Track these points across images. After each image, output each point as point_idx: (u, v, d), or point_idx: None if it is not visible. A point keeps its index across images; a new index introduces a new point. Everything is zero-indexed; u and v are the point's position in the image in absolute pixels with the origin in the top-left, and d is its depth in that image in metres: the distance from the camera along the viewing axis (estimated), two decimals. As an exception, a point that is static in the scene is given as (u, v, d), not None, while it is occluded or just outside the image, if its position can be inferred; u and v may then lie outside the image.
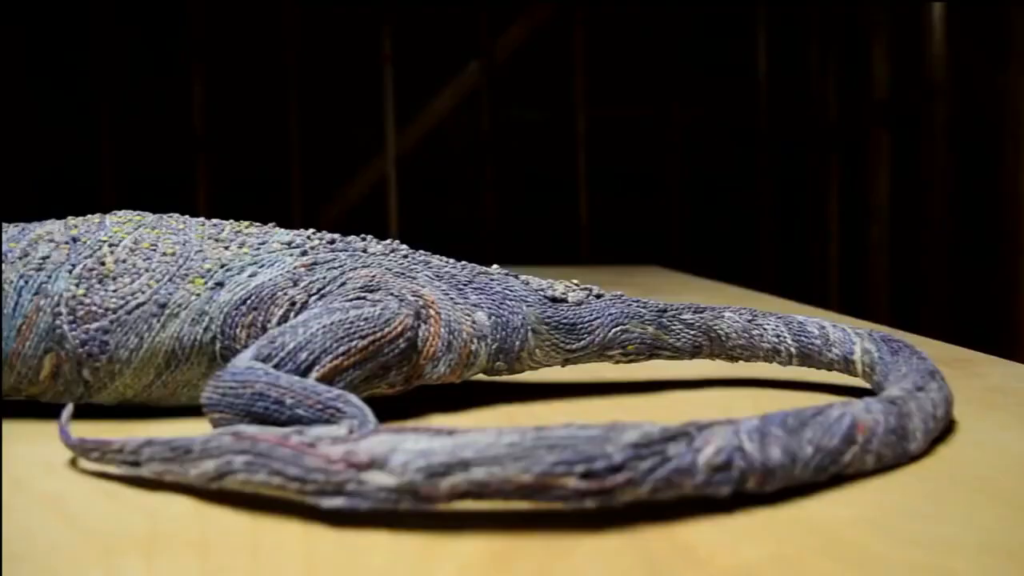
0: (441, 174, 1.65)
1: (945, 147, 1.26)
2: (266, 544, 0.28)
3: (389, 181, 1.61)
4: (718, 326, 0.48)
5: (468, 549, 0.28)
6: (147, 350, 0.42)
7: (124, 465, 0.34)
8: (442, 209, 1.64)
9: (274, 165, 1.59)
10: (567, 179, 1.65)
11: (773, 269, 1.53)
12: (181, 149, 1.57)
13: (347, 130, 1.63)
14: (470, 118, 1.63)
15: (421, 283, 0.45)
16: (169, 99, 1.58)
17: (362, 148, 1.63)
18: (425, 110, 1.63)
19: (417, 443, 0.29)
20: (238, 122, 1.59)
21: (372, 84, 1.60)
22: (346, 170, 1.63)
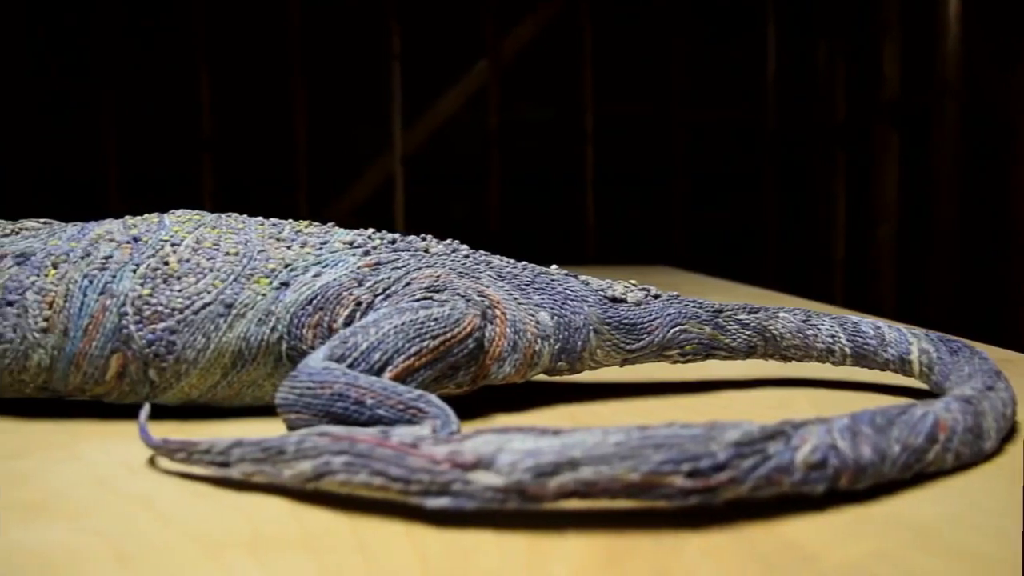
0: (448, 173, 1.65)
1: (955, 146, 1.27)
2: (373, 544, 0.28)
3: (396, 180, 1.61)
4: (773, 326, 0.49)
5: (578, 548, 0.28)
6: (214, 350, 0.42)
7: (212, 466, 0.34)
8: (449, 208, 1.64)
9: (280, 165, 1.58)
10: (574, 178, 1.65)
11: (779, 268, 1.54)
12: (187, 149, 1.56)
13: (354, 129, 1.63)
14: (477, 117, 1.63)
15: (485, 283, 0.45)
16: (175, 99, 1.57)
17: (369, 147, 1.62)
18: (432, 109, 1.63)
19: (524, 443, 0.30)
20: (244, 122, 1.58)
21: (379, 83, 1.60)
22: (353, 169, 1.62)
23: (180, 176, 1.56)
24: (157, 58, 1.57)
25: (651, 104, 1.67)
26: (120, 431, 0.42)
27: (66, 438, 0.41)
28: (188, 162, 1.56)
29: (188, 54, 1.55)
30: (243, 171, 1.58)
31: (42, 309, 0.43)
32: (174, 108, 1.56)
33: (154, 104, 1.57)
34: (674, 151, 1.67)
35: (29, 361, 0.43)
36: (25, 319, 0.43)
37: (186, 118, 1.55)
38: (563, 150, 1.67)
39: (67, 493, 0.33)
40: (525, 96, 1.66)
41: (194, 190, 1.57)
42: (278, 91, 1.58)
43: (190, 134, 1.56)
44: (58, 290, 0.43)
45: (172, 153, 1.56)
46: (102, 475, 0.35)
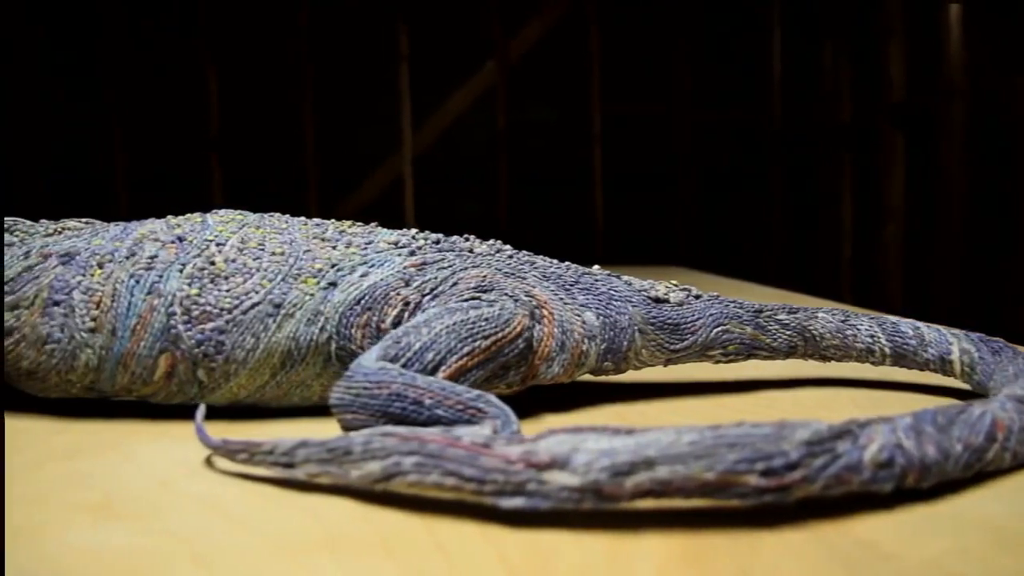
0: (456, 173, 1.65)
1: (961, 148, 1.28)
2: (450, 545, 0.28)
3: (405, 180, 1.60)
4: (812, 327, 0.49)
5: (657, 547, 0.28)
6: (263, 350, 0.42)
7: (275, 467, 0.34)
8: (457, 208, 1.64)
9: (289, 165, 1.58)
10: (582, 178, 1.65)
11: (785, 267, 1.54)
12: (195, 149, 1.55)
13: (362, 129, 1.63)
14: (486, 117, 1.63)
15: (531, 283, 0.45)
16: (183, 99, 1.56)
17: (378, 147, 1.62)
18: (441, 109, 1.63)
19: (598, 443, 0.30)
20: (252, 122, 1.58)
21: (388, 83, 1.60)
22: (361, 169, 1.62)
23: (188, 176, 1.56)
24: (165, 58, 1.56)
25: (658, 104, 1.68)
26: (170, 431, 0.42)
27: (117, 438, 0.40)
28: (196, 162, 1.55)
29: (196, 54, 1.55)
30: (251, 171, 1.58)
31: (89, 309, 0.42)
32: (182, 108, 1.56)
33: (162, 104, 1.56)
34: (681, 151, 1.67)
35: (77, 361, 0.42)
36: (72, 319, 0.42)
37: (194, 118, 1.55)
38: (571, 150, 1.67)
39: (129, 494, 0.33)
40: (533, 96, 1.66)
41: (202, 190, 1.56)
42: (286, 91, 1.58)
43: (198, 134, 1.55)
44: (105, 290, 0.43)
45: (180, 153, 1.56)
46: (161, 476, 0.35)
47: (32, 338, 0.43)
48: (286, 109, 1.58)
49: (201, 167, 1.55)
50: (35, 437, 0.41)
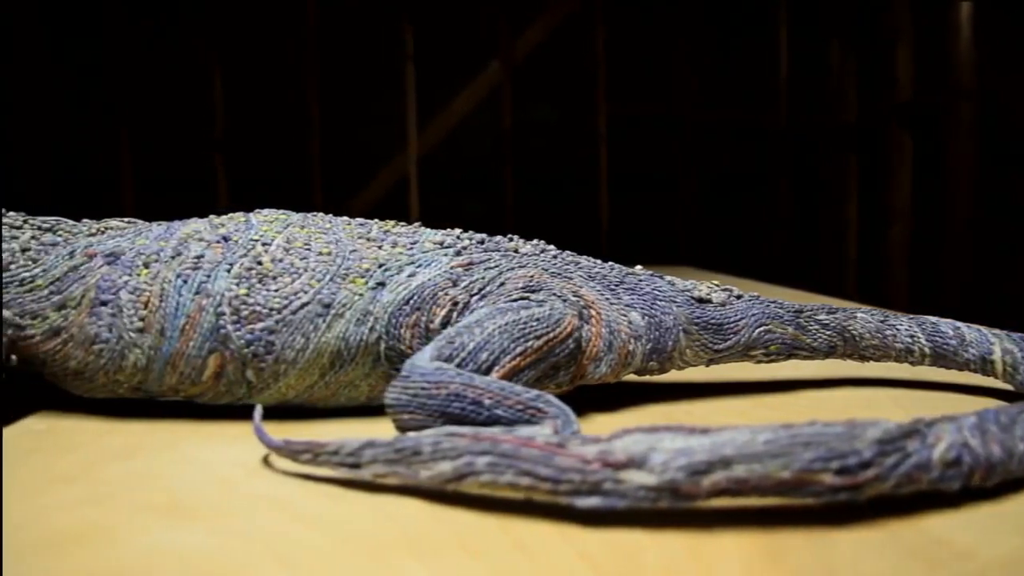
0: (462, 173, 1.65)
1: (970, 149, 1.28)
2: (530, 545, 0.29)
3: (410, 180, 1.60)
4: (852, 327, 0.49)
5: (738, 545, 0.28)
6: (313, 350, 0.42)
7: (341, 467, 0.34)
8: (463, 208, 1.64)
9: (294, 165, 1.57)
10: (588, 178, 1.65)
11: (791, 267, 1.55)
12: (200, 150, 1.55)
13: (368, 129, 1.62)
14: (491, 117, 1.63)
15: (578, 283, 0.46)
16: (188, 100, 1.56)
17: (383, 147, 1.62)
18: (446, 109, 1.63)
19: (674, 442, 0.30)
20: (257, 122, 1.57)
21: (393, 83, 1.60)
22: (367, 169, 1.62)
23: (193, 176, 1.55)
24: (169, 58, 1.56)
25: (664, 105, 1.68)
26: (221, 432, 0.41)
27: (170, 438, 0.40)
28: (201, 162, 1.55)
29: (201, 54, 1.54)
30: (256, 172, 1.57)
31: (137, 309, 0.42)
32: (187, 109, 1.55)
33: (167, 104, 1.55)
34: (687, 151, 1.68)
35: (125, 361, 0.42)
36: (120, 319, 0.42)
37: (199, 118, 1.54)
38: (577, 150, 1.67)
39: (194, 494, 0.33)
40: (539, 96, 1.66)
41: (208, 190, 1.56)
42: (292, 92, 1.57)
43: (203, 134, 1.55)
44: (152, 289, 0.43)
45: (185, 154, 1.55)
46: (221, 476, 0.35)
47: (80, 338, 0.43)
48: (291, 109, 1.57)
49: (206, 168, 1.55)
50: (86, 437, 0.41)
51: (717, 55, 1.68)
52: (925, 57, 1.37)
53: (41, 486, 0.34)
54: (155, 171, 1.55)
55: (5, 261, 0.44)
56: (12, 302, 0.43)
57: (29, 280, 0.44)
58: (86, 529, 0.30)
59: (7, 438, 0.41)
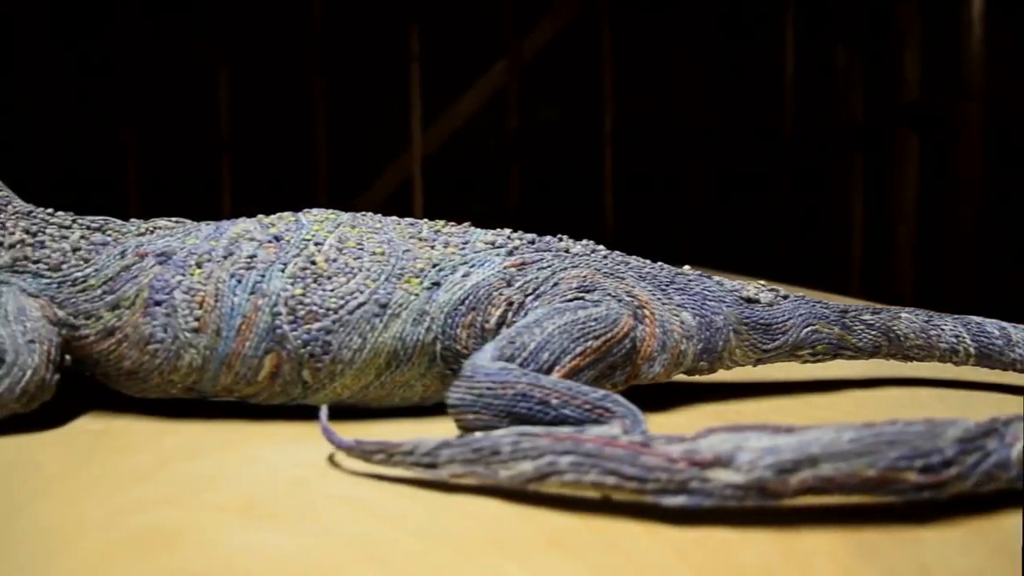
0: (467, 173, 1.65)
1: (979, 149, 1.30)
2: (623, 544, 0.29)
3: (415, 180, 1.60)
4: (896, 327, 0.50)
5: (829, 543, 0.28)
6: (370, 350, 0.42)
7: (416, 467, 0.34)
8: (468, 208, 1.64)
9: (300, 165, 1.57)
10: (593, 178, 1.66)
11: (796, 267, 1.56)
12: (206, 150, 1.54)
13: (373, 130, 1.62)
14: (496, 118, 1.63)
15: (631, 283, 0.46)
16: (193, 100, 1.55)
17: (388, 147, 1.62)
18: (451, 110, 1.63)
19: (760, 440, 0.30)
20: (263, 122, 1.57)
21: (399, 84, 1.60)
22: (372, 169, 1.62)
23: (199, 177, 1.54)
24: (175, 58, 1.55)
25: (670, 105, 1.69)
26: (280, 432, 0.41)
27: (230, 439, 0.40)
28: (207, 163, 1.54)
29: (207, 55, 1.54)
30: (262, 172, 1.56)
31: (192, 309, 0.42)
32: (192, 109, 1.55)
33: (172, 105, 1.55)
34: (692, 152, 1.68)
35: (180, 361, 0.42)
36: (175, 319, 0.42)
37: (205, 119, 1.54)
38: (582, 151, 1.67)
39: (269, 495, 0.33)
40: (544, 97, 1.67)
41: (213, 191, 1.55)
42: (297, 92, 1.57)
43: (209, 135, 1.54)
44: (207, 289, 0.42)
45: (191, 154, 1.55)
46: (291, 476, 0.35)
47: (135, 338, 0.42)
48: (296, 109, 1.57)
49: (212, 168, 1.54)
50: (145, 437, 0.40)
51: (723, 55, 1.68)
52: (933, 57, 1.38)
53: (113, 486, 0.34)
54: (160, 171, 1.54)
55: (56, 261, 0.44)
56: (66, 302, 0.43)
57: (82, 280, 0.44)
58: (170, 529, 0.30)
59: (64, 438, 0.41)
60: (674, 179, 1.69)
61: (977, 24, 1.28)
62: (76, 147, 1.49)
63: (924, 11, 1.38)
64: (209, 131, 1.55)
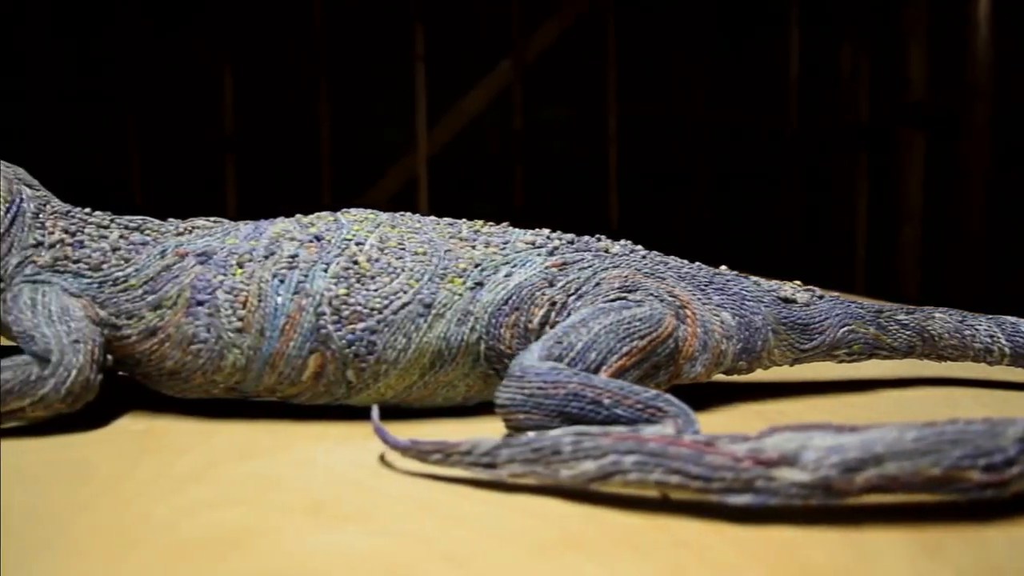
0: (472, 173, 1.65)
1: (985, 149, 1.30)
2: (693, 543, 0.29)
3: (420, 180, 1.60)
4: (931, 327, 0.50)
5: (897, 541, 0.29)
6: (415, 351, 0.42)
7: (475, 467, 0.34)
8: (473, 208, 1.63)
9: (304, 164, 1.57)
10: (597, 178, 1.66)
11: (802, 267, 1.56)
12: (210, 149, 1.54)
13: (378, 129, 1.62)
14: (501, 117, 1.63)
15: (671, 284, 0.46)
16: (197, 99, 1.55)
17: (393, 147, 1.62)
18: (456, 109, 1.63)
19: (825, 440, 0.30)
20: (267, 122, 1.57)
21: (404, 83, 1.60)
22: (377, 169, 1.62)
23: (203, 176, 1.54)
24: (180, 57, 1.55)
25: (674, 105, 1.69)
26: (328, 432, 0.41)
27: (278, 439, 0.40)
28: (211, 162, 1.54)
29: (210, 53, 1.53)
30: (266, 171, 1.56)
31: (235, 309, 0.42)
32: (197, 108, 1.54)
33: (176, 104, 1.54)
34: (697, 152, 1.69)
35: (224, 361, 0.42)
36: (218, 319, 0.42)
37: (209, 118, 1.53)
38: (586, 150, 1.68)
39: (330, 495, 0.33)
40: (549, 96, 1.67)
41: (217, 190, 1.55)
42: (302, 91, 1.57)
43: (213, 134, 1.54)
44: (250, 289, 0.42)
45: (195, 153, 1.54)
46: (347, 477, 0.35)
47: (177, 338, 0.42)
48: (300, 108, 1.57)
49: (216, 167, 1.54)
50: (190, 438, 0.40)
51: (728, 55, 1.69)
52: (939, 57, 1.39)
53: (170, 487, 0.34)
54: (164, 170, 1.53)
55: (97, 260, 0.44)
56: (107, 302, 0.43)
57: (122, 280, 0.43)
58: (240, 530, 0.30)
59: (109, 438, 0.41)
60: (678, 179, 1.70)
61: (983, 24, 1.28)
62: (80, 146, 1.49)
63: (930, 11, 1.39)
64: (213, 130, 1.54)
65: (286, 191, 1.55)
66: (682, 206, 1.71)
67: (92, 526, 0.30)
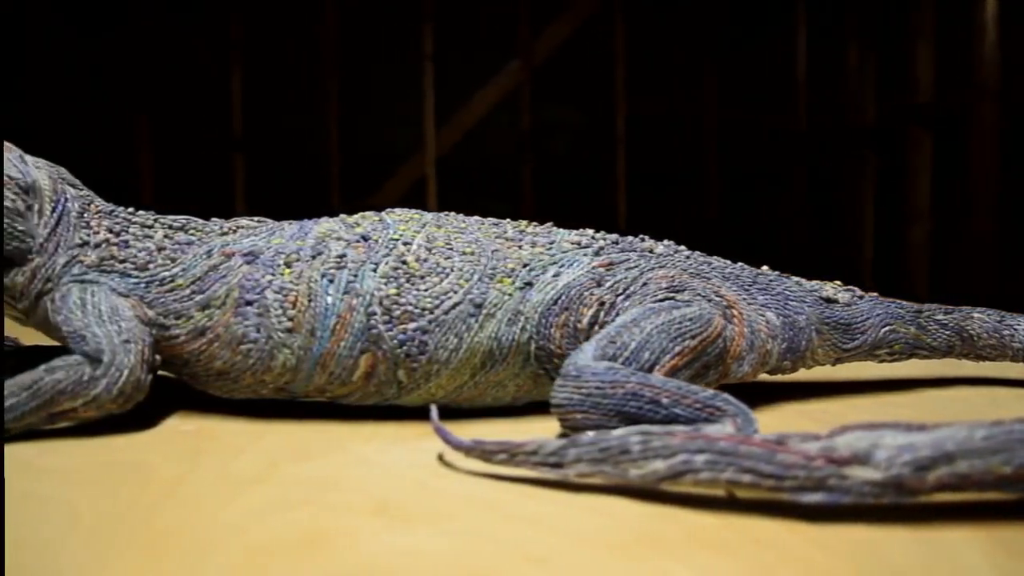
0: (480, 173, 1.65)
1: (994, 149, 1.31)
2: (769, 541, 0.29)
3: (429, 180, 1.60)
4: (969, 326, 0.50)
5: (972, 539, 0.29)
6: (466, 350, 0.42)
7: (541, 467, 0.34)
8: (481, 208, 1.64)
9: (313, 165, 1.57)
10: (606, 178, 1.66)
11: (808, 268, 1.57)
12: (218, 149, 1.54)
13: (387, 129, 1.62)
14: (510, 117, 1.63)
15: (717, 284, 0.46)
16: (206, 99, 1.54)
17: (402, 147, 1.62)
18: (465, 109, 1.63)
19: (896, 438, 0.30)
20: (276, 122, 1.57)
21: (412, 83, 1.60)
22: (385, 169, 1.62)
23: (212, 176, 1.54)
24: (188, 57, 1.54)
25: (682, 105, 1.69)
26: (380, 432, 0.41)
27: (331, 440, 0.40)
28: (220, 162, 1.54)
29: (221, 53, 1.53)
30: (275, 171, 1.56)
31: (285, 308, 0.42)
32: (206, 108, 1.54)
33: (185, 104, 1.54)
34: (704, 152, 1.69)
35: (274, 361, 0.42)
36: (268, 319, 0.42)
37: (218, 118, 1.53)
38: (595, 151, 1.68)
39: (397, 497, 0.33)
40: (558, 97, 1.67)
41: (225, 190, 1.55)
42: (311, 91, 1.57)
43: (222, 134, 1.54)
44: (299, 289, 0.42)
45: (204, 153, 1.54)
46: (410, 477, 0.35)
47: (227, 338, 0.42)
48: (310, 109, 1.57)
49: (225, 167, 1.54)
50: (243, 439, 0.40)
51: (735, 56, 1.69)
52: (946, 57, 1.39)
53: (233, 488, 0.34)
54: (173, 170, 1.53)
55: (143, 260, 0.44)
56: (155, 302, 0.43)
57: (169, 279, 0.43)
58: (314, 532, 0.29)
59: (161, 439, 0.41)
60: (686, 179, 1.70)
61: (991, 25, 1.29)
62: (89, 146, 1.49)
63: (937, 11, 1.40)
64: (222, 130, 1.54)
65: (294, 191, 1.55)
66: (690, 206, 1.72)
67: (164, 528, 0.30)
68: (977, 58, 1.31)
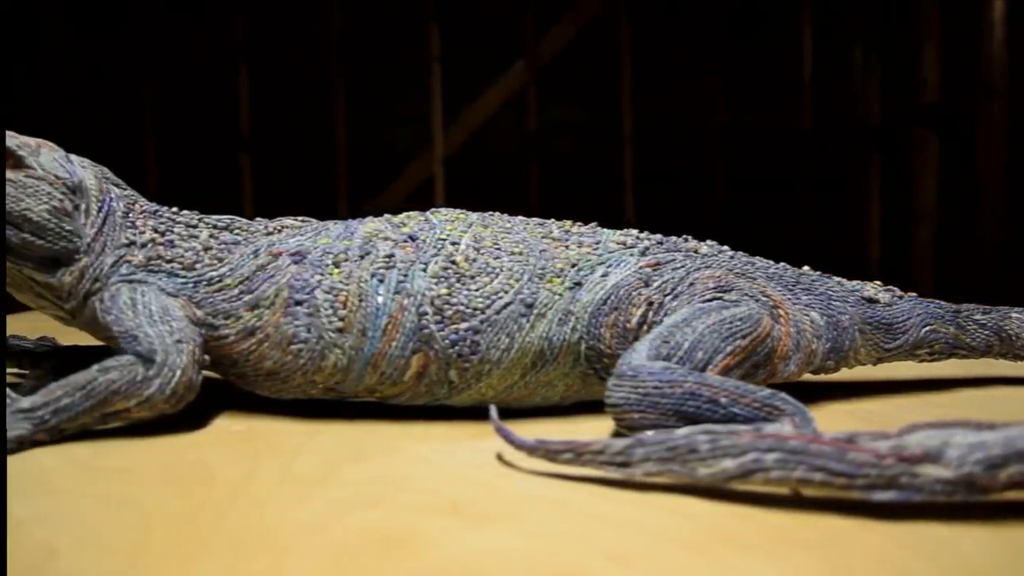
0: (487, 173, 1.65)
1: (1000, 149, 1.32)
2: (845, 539, 0.29)
3: (436, 180, 1.60)
4: (1008, 326, 0.51)
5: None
6: (517, 350, 0.42)
7: (608, 466, 0.34)
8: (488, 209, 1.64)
9: (319, 165, 1.57)
10: (612, 179, 1.67)
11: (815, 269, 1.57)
12: (225, 149, 1.54)
13: (393, 129, 1.62)
14: (516, 118, 1.63)
15: (762, 284, 0.46)
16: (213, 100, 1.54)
17: (408, 147, 1.62)
18: (471, 110, 1.63)
19: (966, 437, 0.31)
20: (283, 122, 1.56)
21: (419, 83, 1.60)
22: (392, 169, 1.62)
23: (219, 176, 1.54)
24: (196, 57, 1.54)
25: (688, 106, 1.70)
26: (431, 432, 0.41)
27: (386, 440, 0.40)
28: (226, 162, 1.53)
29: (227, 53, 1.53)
30: (281, 171, 1.56)
31: (336, 308, 0.42)
32: (213, 108, 1.54)
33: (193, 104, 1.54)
34: (711, 153, 1.70)
35: (325, 361, 0.42)
36: (318, 319, 0.42)
37: (225, 118, 1.53)
38: (601, 151, 1.68)
39: (463, 496, 0.33)
40: (564, 97, 1.67)
41: (232, 190, 1.54)
42: (318, 91, 1.57)
43: (229, 134, 1.53)
44: (350, 289, 0.42)
45: (210, 153, 1.54)
46: (472, 477, 0.35)
47: (277, 338, 0.42)
48: (317, 109, 1.57)
49: (232, 167, 1.54)
50: (297, 439, 0.40)
51: (741, 56, 1.70)
52: (952, 58, 1.40)
53: (299, 489, 0.34)
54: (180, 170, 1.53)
55: (190, 260, 0.44)
56: (203, 301, 0.43)
57: (217, 279, 0.43)
58: (391, 532, 0.30)
59: (214, 439, 0.40)
60: (693, 179, 1.71)
61: (998, 25, 1.30)
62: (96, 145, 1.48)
63: (944, 11, 1.41)
64: (229, 130, 1.54)
65: (302, 191, 1.55)
66: (696, 207, 1.72)
67: (241, 528, 0.30)
68: (984, 58, 1.32)
